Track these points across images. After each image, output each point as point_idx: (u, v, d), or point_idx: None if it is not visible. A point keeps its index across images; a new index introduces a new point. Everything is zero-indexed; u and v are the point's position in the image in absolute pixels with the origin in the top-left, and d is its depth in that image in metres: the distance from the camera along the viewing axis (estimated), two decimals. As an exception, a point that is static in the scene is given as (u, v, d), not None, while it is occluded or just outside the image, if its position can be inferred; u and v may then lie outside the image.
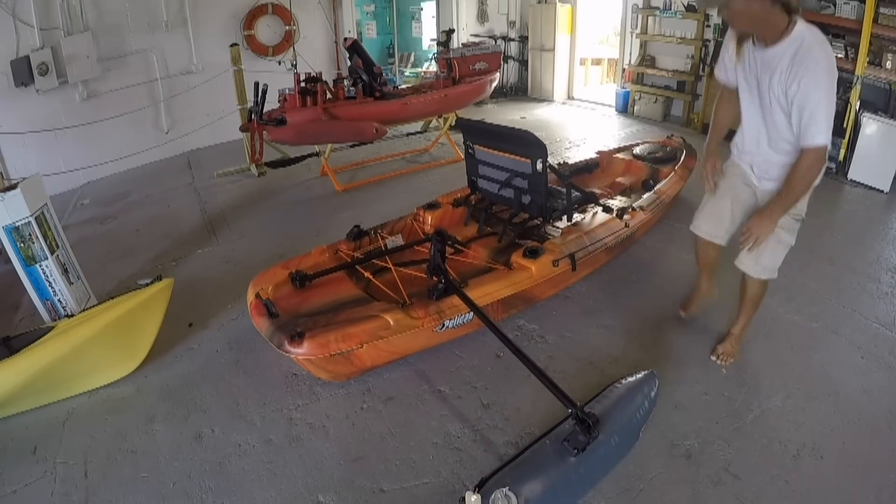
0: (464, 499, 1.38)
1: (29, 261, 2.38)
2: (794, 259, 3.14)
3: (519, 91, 8.19)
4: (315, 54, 6.42)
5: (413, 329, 2.06)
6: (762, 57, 1.77)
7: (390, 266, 2.49)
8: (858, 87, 4.32)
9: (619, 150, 4.28)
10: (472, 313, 2.15)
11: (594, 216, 2.91)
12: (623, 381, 1.91)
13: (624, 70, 6.90)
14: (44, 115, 4.43)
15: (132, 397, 2.18)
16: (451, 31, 5.64)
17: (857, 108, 4.34)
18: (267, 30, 5.95)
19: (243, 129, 4.53)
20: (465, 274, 2.45)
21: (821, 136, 1.69)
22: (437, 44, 5.81)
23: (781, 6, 1.68)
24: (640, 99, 6.63)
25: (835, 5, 4.60)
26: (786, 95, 1.71)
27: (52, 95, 4.45)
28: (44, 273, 2.42)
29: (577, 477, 1.55)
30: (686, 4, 5.88)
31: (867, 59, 4.29)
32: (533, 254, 2.45)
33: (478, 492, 1.37)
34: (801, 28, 1.68)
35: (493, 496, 1.36)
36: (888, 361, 2.29)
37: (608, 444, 1.60)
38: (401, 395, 2.14)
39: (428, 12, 8.69)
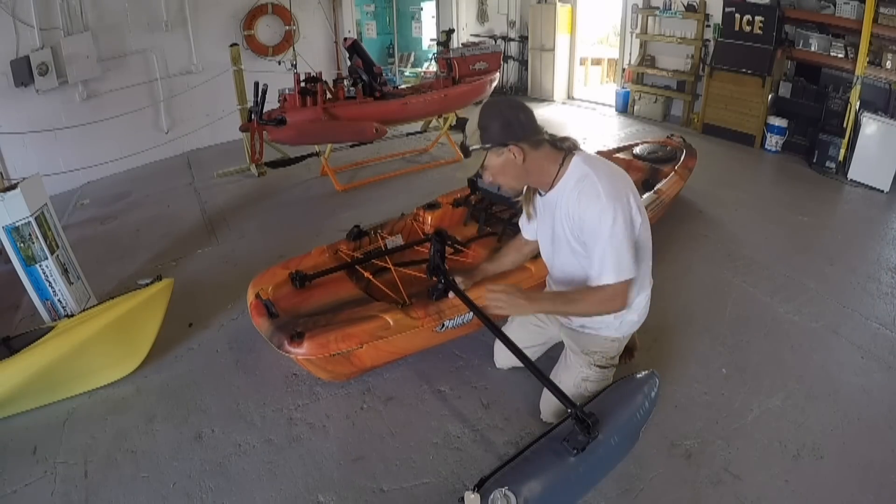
0: (463, 498, 1.38)
1: (29, 261, 2.38)
2: (795, 259, 3.17)
3: (519, 91, 8.19)
4: (315, 54, 6.42)
5: (413, 329, 2.06)
6: (544, 203, 1.65)
7: (390, 266, 2.49)
8: (858, 86, 4.33)
9: (618, 149, 4.27)
10: (471, 313, 2.15)
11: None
12: (623, 381, 1.90)
13: (624, 70, 6.90)
14: (44, 115, 4.43)
15: (132, 397, 2.18)
16: (451, 31, 5.64)
17: (857, 107, 4.34)
18: (267, 30, 5.95)
19: (243, 129, 4.53)
20: (465, 274, 2.45)
21: (608, 275, 1.50)
22: (437, 44, 5.81)
23: (549, 146, 1.55)
24: (639, 99, 6.62)
25: (835, 5, 4.60)
26: (575, 239, 1.57)
27: (51, 95, 4.44)
28: (44, 273, 2.42)
29: (577, 477, 1.55)
30: (686, 4, 5.88)
31: (867, 59, 4.29)
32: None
33: (477, 491, 1.37)
34: (578, 162, 1.54)
35: (492, 496, 1.35)
36: (888, 361, 2.29)
37: (608, 443, 1.59)
38: (401, 395, 2.14)
39: (428, 12, 8.69)
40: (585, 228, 1.51)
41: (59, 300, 2.48)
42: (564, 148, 1.59)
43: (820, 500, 1.68)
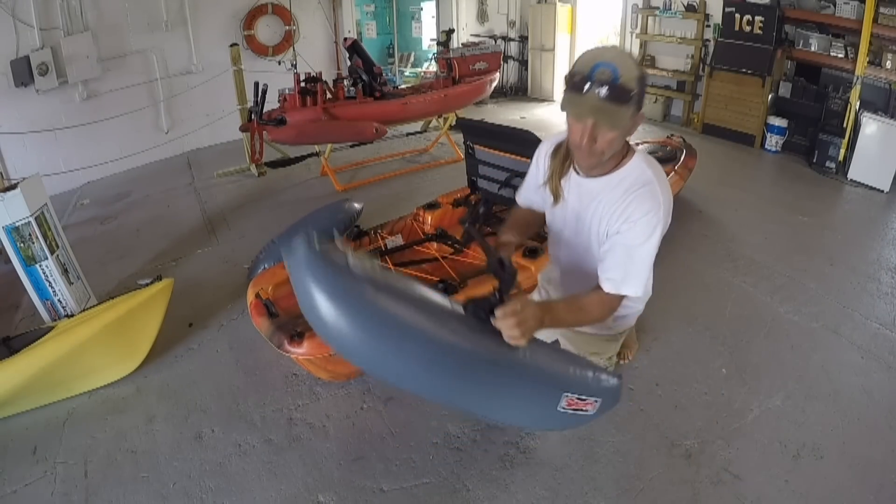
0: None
1: (29, 261, 2.38)
2: (795, 259, 3.17)
3: (519, 91, 8.19)
4: (315, 54, 6.41)
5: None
6: (580, 187, 1.39)
7: (390, 266, 2.49)
8: (858, 86, 4.33)
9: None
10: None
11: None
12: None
13: (624, 70, 6.89)
14: (44, 115, 4.42)
15: (132, 397, 2.18)
16: (451, 31, 5.64)
17: (857, 107, 4.34)
18: (267, 30, 5.95)
19: (243, 129, 4.53)
20: (465, 274, 2.45)
21: (638, 287, 1.31)
22: (437, 44, 5.81)
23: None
24: (640, 99, 6.62)
25: (835, 5, 4.60)
26: (606, 236, 1.34)
27: (52, 95, 4.44)
28: (44, 273, 2.42)
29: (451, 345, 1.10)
30: (686, 4, 5.88)
31: (867, 59, 4.29)
32: (533, 253, 2.44)
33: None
34: (640, 163, 1.32)
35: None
36: (888, 361, 2.29)
37: (518, 359, 1.14)
38: (401, 395, 2.14)
39: (428, 12, 8.68)
40: (623, 231, 1.29)
41: (59, 300, 2.48)
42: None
43: (820, 500, 1.68)
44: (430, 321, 1.08)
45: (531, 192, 1.56)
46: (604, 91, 1.13)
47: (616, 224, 1.30)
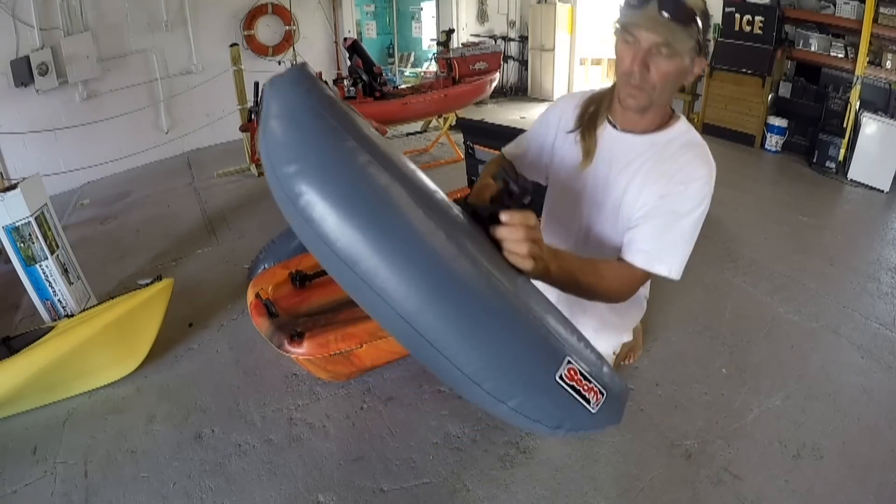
0: None
1: (29, 261, 2.38)
2: (795, 259, 3.17)
3: (519, 91, 8.19)
4: (315, 54, 6.42)
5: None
6: (613, 145, 1.18)
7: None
8: (858, 86, 4.33)
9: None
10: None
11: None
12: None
13: (624, 70, 6.89)
14: (44, 115, 4.43)
15: (132, 397, 2.18)
16: (451, 31, 5.65)
17: (857, 107, 4.34)
18: (267, 30, 5.95)
19: (243, 129, 4.54)
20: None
21: (675, 265, 1.14)
22: (437, 44, 5.82)
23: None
24: (640, 99, 6.62)
25: (835, 5, 4.60)
26: (644, 203, 1.14)
27: (52, 95, 4.44)
28: (44, 273, 2.42)
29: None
30: (686, 4, 5.88)
31: (867, 59, 4.29)
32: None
33: None
34: (688, 127, 1.18)
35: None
36: (888, 361, 2.29)
37: (517, 276, 0.88)
38: (401, 395, 2.14)
39: (428, 12, 8.69)
40: (670, 194, 1.10)
41: (59, 300, 2.48)
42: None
43: (820, 500, 1.68)
44: (426, 213, 0.78)
45: (532, 151, 1.32)
46: (667, 6, 0.98)
47: (663, 187, 1.10)
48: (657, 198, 1.11)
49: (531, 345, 0.82)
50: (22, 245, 2.35)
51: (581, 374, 0.84)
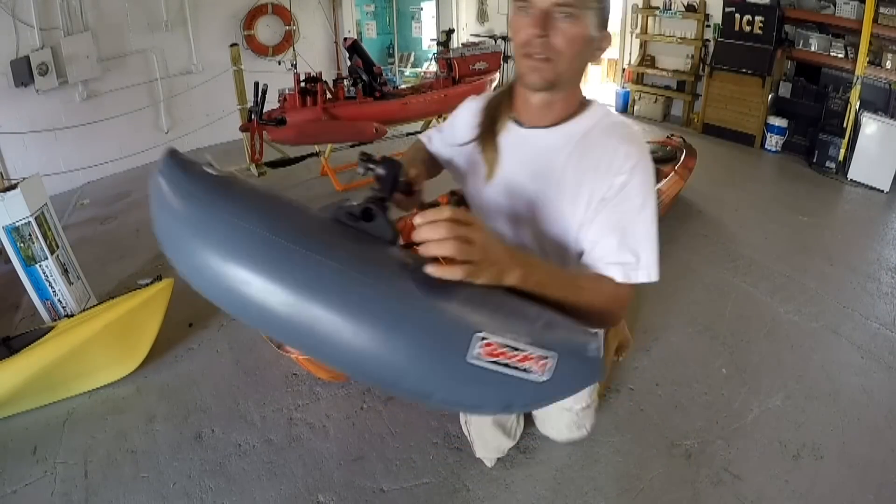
0: None
1: (29, 261, 2.38)
2: (795, 259, 3.17)
3: (519, 91, 8.19)
4: (315, 54, 6.41)
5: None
6: (525, 145, 1.02)
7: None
8: (858, 86, 4.33)
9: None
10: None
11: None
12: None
13: (624, 70, 6.89)
14: (44, 115, 4.42)
15: (132, 397, 2.18)
16: (451, 31, 5.64)
17: (857, 107, 4.34)
18: (267, 30, 5.95)
19: (243, 129, 4.53)
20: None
21: (651, 268, 0.97)
22: (437, 44, 5.81)
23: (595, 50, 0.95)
24: (639, 99, 6.62)
25: (834, 5, 4.61)
26: (586, 206, 0.96)
27: (52, 95, 4.44)
28: (44, 273, 2.42)
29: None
30: (686, 4, 5.88)
31: (867, 59, 4.29)
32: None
33: None
34: (604, 107, 1.03)
35: None
36: (888, 361, 2.29)
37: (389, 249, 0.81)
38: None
39: (428, 12, 8.68)
40: (611, 197, 0.94)
41: (59, 300, 2.48)
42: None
43: (820, 500, 1.68)
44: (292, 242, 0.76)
45: (441, 145, 1.24)
46: None
47: (600, 184, 0.94)
48: (599, 200, 0.95)
49: (421, 337, 0.73)
50: (22, 245, 2.35)
51: (504, 345, 0.75)
